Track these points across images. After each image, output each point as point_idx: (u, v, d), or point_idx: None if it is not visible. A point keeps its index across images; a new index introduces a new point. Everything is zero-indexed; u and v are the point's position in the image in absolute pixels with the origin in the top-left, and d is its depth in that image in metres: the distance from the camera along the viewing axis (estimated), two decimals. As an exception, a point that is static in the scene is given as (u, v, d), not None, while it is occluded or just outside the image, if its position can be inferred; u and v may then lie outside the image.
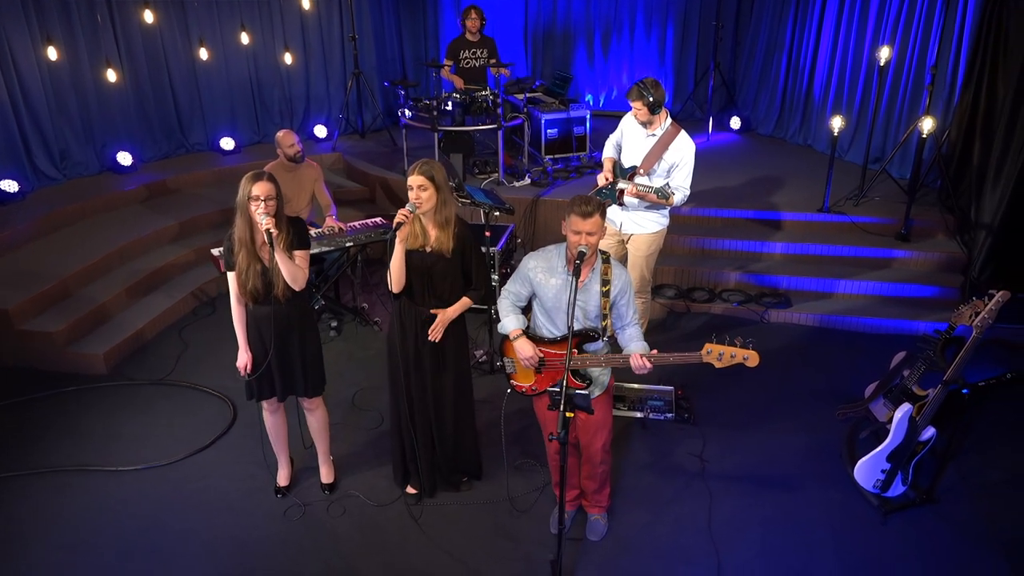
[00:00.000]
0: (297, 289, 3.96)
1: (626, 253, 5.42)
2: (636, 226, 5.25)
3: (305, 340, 4.14)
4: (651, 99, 4.86)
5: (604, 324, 3.60)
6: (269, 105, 8.88)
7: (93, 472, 4.71)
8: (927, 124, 6.24)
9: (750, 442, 4.94)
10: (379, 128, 9.23)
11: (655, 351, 3.49)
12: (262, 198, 3.75)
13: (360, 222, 6.21)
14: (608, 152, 5.40)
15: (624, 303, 3.66)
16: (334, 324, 6.25)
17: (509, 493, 4.47)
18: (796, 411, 5.21)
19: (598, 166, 7.91)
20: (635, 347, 3.58)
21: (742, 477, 4.65)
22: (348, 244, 5.95)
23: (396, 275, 3.85)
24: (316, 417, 4.44)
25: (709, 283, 6.62)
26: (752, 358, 3.36)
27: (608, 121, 8.98)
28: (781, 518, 4.33)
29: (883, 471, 4.30)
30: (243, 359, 4.09)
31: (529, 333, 3.77)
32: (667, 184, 4.91)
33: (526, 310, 3.89)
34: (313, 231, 5.95)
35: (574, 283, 3.42)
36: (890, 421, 4.30)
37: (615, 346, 3.87)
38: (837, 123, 6.58)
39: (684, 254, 6.83)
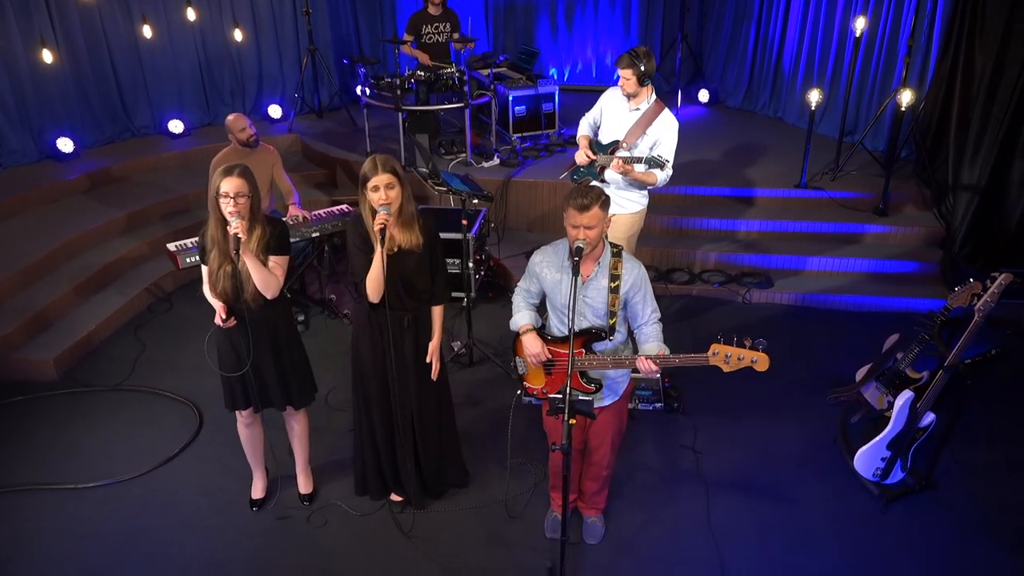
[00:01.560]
0: (269, 297, 3.65)
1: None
2: (616, 206, 5.01)
3: (281, 349, 3.85)
4: (642, 68, 4.62)
5: (612, 322, 3.39)
6: (219, 85, 8.40)
7: (50, 491, 4.37)
8: (906, 97, 6.13)
9: (742, 431, 4.81)
10: (337, 107, 8.82)
11: (662, 352, 3.29)
12: (231, 195, 3.44)
13: (326, 210, 5.90)
14: (583, 131, 5.15)
15: (639, 300, 3.42)
16: (301, 318, 5.94)
17: (505, 497, 4.27)
18: (785, 395, 5.09)
19: (568, 144, 7.70)
20: (647, 348, 3.37)
21: (737, 469, 4.52)
22: (314, 234, 5.64)
23: (379, 285, 3.55)
24: (298, 423, 4.17)
25: (688, 263, 6.47)
26: (761, 361, 3.16)
27: (574, 96, 8.76)
28: (780, 512, 4.21)
29: (883, 459, 4.20)
30: (217, 307, 3.65)
31: (543, 332, 3.56)
32: (655, 155, 4.69)
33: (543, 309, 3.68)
34: (276, 221, 5.62)
35: (575, 279, 3.20)
36: (889, 407, 4.20)
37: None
38: (815, 96, 6.44)
39: (661, 234, 6.65)
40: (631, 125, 4.86)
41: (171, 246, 5.37)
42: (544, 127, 7.77)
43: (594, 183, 4.94)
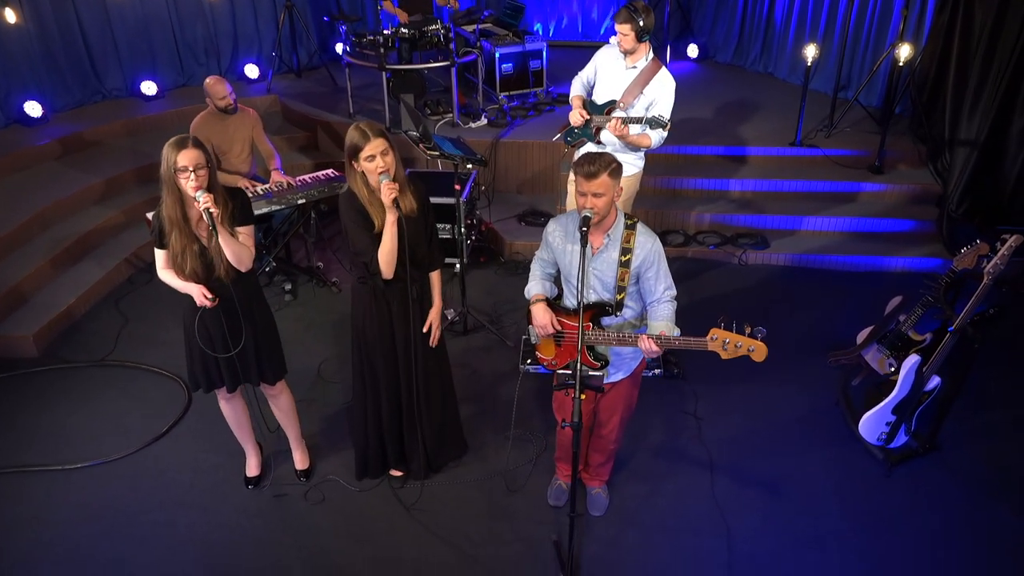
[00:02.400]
0: (243, 270, 3.48)
1: None
2: None
3: (255, 323, 3.68)
4: (640, 23, 4.44)
5: (620, 298, 3.27)
6: (192, 44, 8.06)
7: (37, 473, 4.23)
8: (904, 51, 5.99)
9: (743, 396, 4.76)
10: (316, 66, 8.52)
11: (664, 332, 3.16)
12: (191, 168, 3.19)
13: (311, 175, 5.70)
14: (576, 91, 4.97)
15: (652, 276, 3.28)
16: (288, 287, 5.78)
17: (507, 468, 4.20)
18: (784, 359, 5.02)
19: (556, 102, 7.51)
20: (654, 327, 3.24)
21: (739, 436, 4.47)
22: (300, 200, 5.45)
23: (393, 259, 3.41)
24: (281, 402, 4.03)
25: (682, 225, 6.36)
26: (759, 351, 3.04)
27: (560, 52, 8.53)
28: (784, 478, 4.18)
29: (888, 423, 4.16)
30: (195, 291, 3.42)
31: (552, 301, 3.44)
32: (656, 115, 4.53)
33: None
34: (260, 188, 5.44)
35: (583, 250, 3.07)
36: (892, 370, 4.16)
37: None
38: (811, 52, 6.28)
39: (654, 195, 6.52)
40: (628, 84, 4.69)
41: (151, 215, 5.16)
42: (532, 85, 7.56)
43: (589, 145, 4.82)
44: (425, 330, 3.70)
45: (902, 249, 5.98)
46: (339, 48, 8.60)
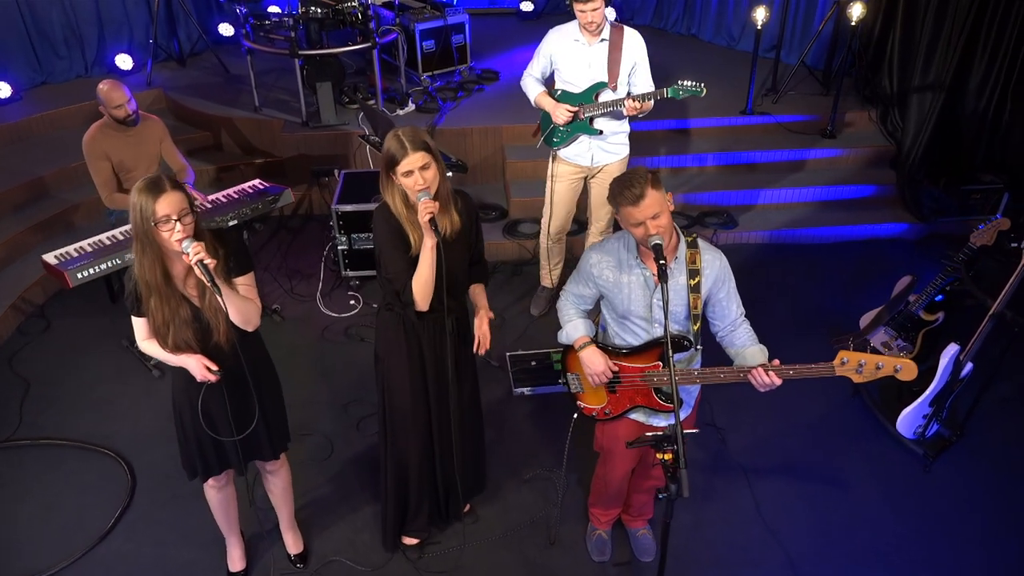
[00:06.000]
0: (251, 330, 2.82)
1: (585, 191, 4.74)
2: (607, 154, 4.54)
3: (263, 389, 2.99)
4: None
5: (697, 328, 2.82)
6: (48, 33, 6.80)
7: (-47, 607, 3.38)
8: (856, 10, 5.76)
9: (754, 397, 4.37)
10: (201, 51, 7.47)
11: (776, 361, 2.75)
12: (175, 217, 2.50)
13: (236, 189, 4.89)
14: (537, 88, 4.46)
15: (724, 296, 2.86)
16: (221, 320, 4.97)
17: (537, 519, 3.72)
18: (786, 348, 4.67)
19: (483, 80, 6.89)
20: (752, 354, 2.83)
21: (765, 443, 4.17)
22: (232, 222, 4.65)
23: (430, 288, 2.86)
24: (280, 477, 3.36)
25: (643, 208, 5.96)
26: (907, 369, 2.62)
27: (483, 22, 7.84)
28: (827, 487, 3.92)
29: (924, 416, 3.97)
30: (193, 364, 2.72)
31: (599, 342, 2.95)
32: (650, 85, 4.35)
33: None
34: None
35: (664, 285, 2.58)
36: (901, 352, 3.97)
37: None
38: (761, 15, 5.96)
39: (608, 177, 6.08)
40: (606, 60, 4.25)
41: (50, 258, 4.26)
42: (456, 63, 6.89)
43: (582, 138, 4.37)
44: (476, 347, 3.12)
45: (868, 216, 5.85)
46: (223, 29, 7.59)
